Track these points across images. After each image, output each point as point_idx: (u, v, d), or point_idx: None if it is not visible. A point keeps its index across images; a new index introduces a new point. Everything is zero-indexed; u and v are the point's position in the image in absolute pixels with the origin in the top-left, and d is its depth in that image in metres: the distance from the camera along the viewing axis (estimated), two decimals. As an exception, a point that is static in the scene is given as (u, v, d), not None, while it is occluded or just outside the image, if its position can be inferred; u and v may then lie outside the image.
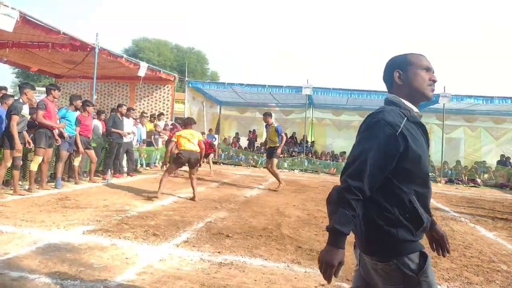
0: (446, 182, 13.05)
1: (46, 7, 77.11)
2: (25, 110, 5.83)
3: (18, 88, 6.36)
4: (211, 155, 11.19)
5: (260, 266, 3.32)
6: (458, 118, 16.04)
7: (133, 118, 10.00)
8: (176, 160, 6.48)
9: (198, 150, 6.52)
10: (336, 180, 10.85)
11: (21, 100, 5.79)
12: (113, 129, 8.54)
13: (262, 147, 16.03)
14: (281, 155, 14.21)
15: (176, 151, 6.53)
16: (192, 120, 7.02)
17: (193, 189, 6.48)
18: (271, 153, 8.30)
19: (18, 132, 5.61)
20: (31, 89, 5.99)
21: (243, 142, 17.79)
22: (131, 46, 41.89)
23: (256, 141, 17.53)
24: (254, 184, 9.15)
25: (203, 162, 8.18)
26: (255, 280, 2.98)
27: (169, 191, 7.23)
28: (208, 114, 16.90)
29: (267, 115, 8.55)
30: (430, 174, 13.69)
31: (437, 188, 11.44)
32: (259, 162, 14.85)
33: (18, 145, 5.56)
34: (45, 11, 76.99)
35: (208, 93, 16.79)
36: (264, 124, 8.75)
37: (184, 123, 7.20)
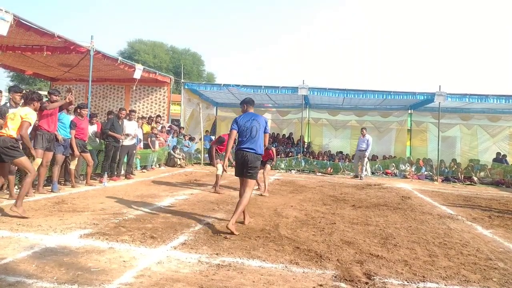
0: (442, 181, 13.10)
1: (39, 10, 76.83)
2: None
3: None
4: (268, 166, 8.30)
5: (258, 267, 3.32)
6: (453, 116, 16.12)
7: (135, 121, 9.97)
8: None
9: (11, 134, 4.83)
10: (333, 180, 10.88)
11: (7, 104, 5.71)
12: (109, 132, 8.51)
13: None
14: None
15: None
16: (33, 94, 5.20)
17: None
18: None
19: None
20: (15, 92, 5.88)
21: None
22: (126, 48, 41.80)
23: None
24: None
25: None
26: (253, 282, 2.98)
27: (167, 193, 7.22)
28: (204, 116, 16.91)
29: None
30: (427, 172, 13.92)
31: (434, 186, 11.49)
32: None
33: None
34: (38, 14, 76.71)
35: (204, 94, 16.78)
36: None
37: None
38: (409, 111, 16.68)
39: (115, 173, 8.88)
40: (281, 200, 7.08)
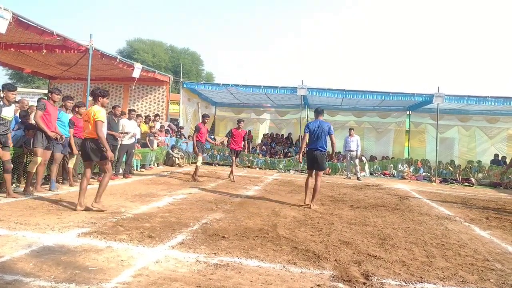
0: (440, 182, 13.13)
1: (38, 8, 76.60)
2: (6, 112, 5.66)
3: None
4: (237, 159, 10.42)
5: (256, 267, 3.32)
6: (452, 117, 16.16)
7: (134, 120, 9.96)
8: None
9: (95, 136, 5.22)
10: (331, 180, 10.88)
11: (1, 103, 5.63)
12: (107, 131, 8.48)
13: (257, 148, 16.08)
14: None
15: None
16: (102, 92, 5.48)
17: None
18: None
19: (1, 135, 5.51)
20: (9, 90, 5.71)
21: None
22: (125, 47, 41.79)
23: (252, 141, 17.53)
24: (249, 185, 9.15)
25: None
26: (251, 281, 2.98)
27: (165, 192, 7.21)
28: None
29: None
30: (425, 173, 13.93)
31: (432, 187, 11.51)
32: (254, 163, 14.85)
33: None
34: (37, 12, 76.53)
35: (203, 94, 16.77)
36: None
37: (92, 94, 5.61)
38: (408, 112, 16.71)
39: (113, 172, 8.85)
40: (279, 200, 7.07)
